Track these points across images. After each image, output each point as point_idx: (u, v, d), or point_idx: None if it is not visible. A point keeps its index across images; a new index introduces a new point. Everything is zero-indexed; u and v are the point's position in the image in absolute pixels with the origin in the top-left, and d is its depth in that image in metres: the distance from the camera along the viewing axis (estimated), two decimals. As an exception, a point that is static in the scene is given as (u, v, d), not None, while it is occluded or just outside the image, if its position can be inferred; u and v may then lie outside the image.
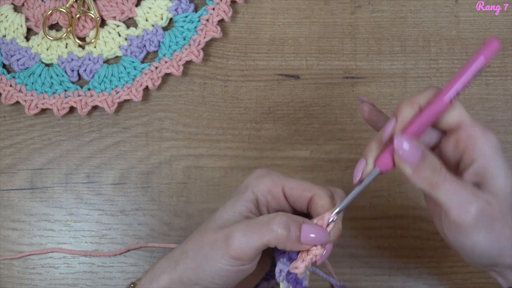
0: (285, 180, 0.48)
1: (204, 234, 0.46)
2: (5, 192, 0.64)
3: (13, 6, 0.66)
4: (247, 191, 0.47)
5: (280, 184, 0.47)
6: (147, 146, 0.64)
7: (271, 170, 0.49)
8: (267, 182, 0.47)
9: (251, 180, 0.48)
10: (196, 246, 0.46)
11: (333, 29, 0.66)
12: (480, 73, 0.45)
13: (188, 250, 0.46)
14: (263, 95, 0.65)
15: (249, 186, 0.48)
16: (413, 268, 0.63)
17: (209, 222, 0.47)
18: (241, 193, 0.48)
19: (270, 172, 0.48)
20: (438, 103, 0.45)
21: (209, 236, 0.46)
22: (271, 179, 0.48)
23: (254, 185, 0.47)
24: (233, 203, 0.47)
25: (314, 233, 0.46)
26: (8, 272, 0.63)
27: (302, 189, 0.47)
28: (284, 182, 0.47)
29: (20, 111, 0.65)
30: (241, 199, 0.47)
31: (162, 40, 0.65)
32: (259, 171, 0.49)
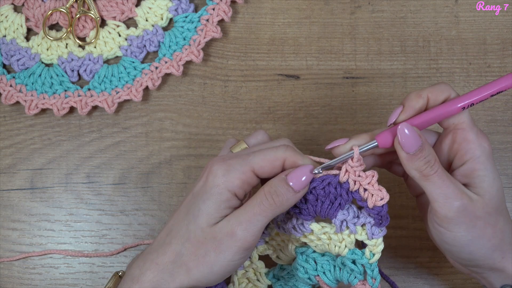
0: (251, 162, 0.48)
1: (200, 244, 0.47)
2: (5, 192, 0.64)
3: (13, 6, 0.66)
4: (222, 191, 0.47)
5: (249, 170, 0.47)
6: (147, 146, 0.64)
7: (227, 159, 0.48)
8: (238, 176, 0.47)
9: (219, 179, 0.47)
10: (196, 256, 0.47)
11: (333, 29, 0.66)
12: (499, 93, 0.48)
13: (187, 262, 0.47)
14: (263, 95, 0.65)
15: (219, 185, 0.47)
16: (413, 268, 0.63)
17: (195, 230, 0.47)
18: (215, 194, 0.47)
19: (232, 163, 0.48)
20: (451, 107, 0.48)
21: (210, 243, 0.47)
22: (240, 171, 0.47)
23: (227, 184, 0.47)
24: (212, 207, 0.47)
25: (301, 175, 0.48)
26: (8, 272, 0.63)
27: (270, 163, 0.48)
28: (251, 166, 0.47)
29: (20, 111, 0.65)
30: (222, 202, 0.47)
31: (162, 40, 0.65)
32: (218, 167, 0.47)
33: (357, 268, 0.51)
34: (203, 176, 0.48)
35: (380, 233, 0.51)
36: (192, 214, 0.48)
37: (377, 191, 0.49)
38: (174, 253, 0.48)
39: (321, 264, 0.53)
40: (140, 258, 0.49)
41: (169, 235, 0.48)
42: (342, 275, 0.53)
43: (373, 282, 0.51)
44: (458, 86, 0.65)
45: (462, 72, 0.65)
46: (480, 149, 0.48)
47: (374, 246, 0.51)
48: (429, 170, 0.47)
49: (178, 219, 0.49)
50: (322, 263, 0.53)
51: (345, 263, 0.52)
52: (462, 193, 0.47)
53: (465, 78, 0.65)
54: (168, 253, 0.48)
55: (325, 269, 0.53)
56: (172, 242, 0.48)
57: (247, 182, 0.48)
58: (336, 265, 0.53)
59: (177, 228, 0.48)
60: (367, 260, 0.51)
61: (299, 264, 0.54)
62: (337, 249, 0.52)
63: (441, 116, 0.48)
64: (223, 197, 0.47)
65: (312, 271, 0.53)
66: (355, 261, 0.52)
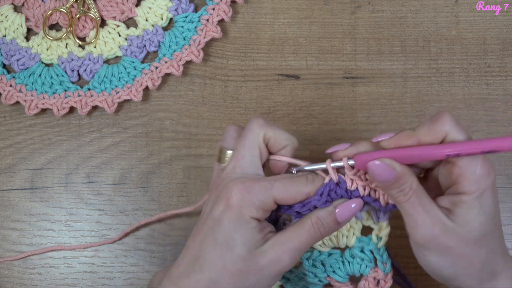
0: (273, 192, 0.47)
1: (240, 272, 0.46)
2: (5, 192, 0.64)
3: (13, 6, 0.66)
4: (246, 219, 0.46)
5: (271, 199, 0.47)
6: (147, 146, 0.64)
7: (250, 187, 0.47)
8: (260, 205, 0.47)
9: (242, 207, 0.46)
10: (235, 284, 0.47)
11: (333, 29, 0.66)
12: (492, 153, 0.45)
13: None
14: (263, 95, 0.65)
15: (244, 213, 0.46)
16: (413, 268, 0.63)
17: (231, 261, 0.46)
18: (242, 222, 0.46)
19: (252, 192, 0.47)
20: (435, 151, 0.45)
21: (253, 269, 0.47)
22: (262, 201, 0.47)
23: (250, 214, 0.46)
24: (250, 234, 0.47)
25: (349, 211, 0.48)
26: (8, 272, 0.63)
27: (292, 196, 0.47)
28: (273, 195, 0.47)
29: (20, 111, 0.65)
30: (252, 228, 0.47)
31: (162, 40, 0.65)
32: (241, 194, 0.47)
33: (367, 256, 0.52)
34: (221, 199, 0.47)
35: (385, 215, 0.51)
36: (225, 244, 0.46)
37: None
38: (208, 281, 0.47)
39: (329, 264, 0.53)
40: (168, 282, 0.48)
41: (198, 262, 0.47)
42: (353, 268, 0.53)
43: (384, 267, 0.52)
44: (458, 86, 0.65)
45: (462, 72, 0.65)
46: (476, 186, 0.45)
47: (381, 230, 0.52)
48: (401, 198, 0.46)
49: (205, 246, 0.47)
50: (330, 262, 0.53)
51: (354, 254, 0.53)
52: (434, 222, 0.46)
53: (465, 78, 0.65)
54: (202, 281, 0.47)
55: (334, 268, 0.53)
56: (204, 270, 0.47)
57: (268, 210, 0.48)
58: (344, 260, 0.53)
59: (207, 257, 0.47)
60: (375, 245, 0.52)
61: (307, 270, 0.54)
62: (345, 240, 0.52)
63: (424, 157, 0.46)
64: (252, 225, 0.47)
65: (322, 273, 0.53)
66: (364, 249, 0.52)
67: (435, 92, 0.65)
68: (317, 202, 0.48)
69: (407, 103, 0.65)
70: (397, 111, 0.65)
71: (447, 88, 0.65)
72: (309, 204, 0.48)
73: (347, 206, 0.48)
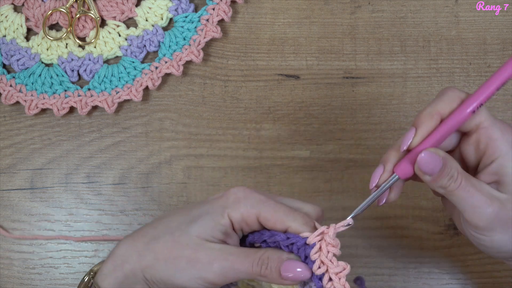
0: (260, 208, 0.47)
1: (180, 246, 0.46)
2: (5, 192, 0.64)
3: (13, 6, 0.66)
4: (224, 214, 0.46)
5: (254, 214, 0.47)
6: (147, 146, 0.64)
7: (248, 192, 0.47)
8: (242, 211, 0.46)
9: (229, 202, 0.47)
10: (171, 255, 0.46)
11: (333, 29, 0.66)
12: (504, 85, 0.46)
13: (159, 254, 0.46)
14: (263, 95, 0.65)
15: (225, 208, 0.46)
16: (413, 268, 0.63)
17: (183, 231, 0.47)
18: (218, 214, 0.46)
19: (247, 196, 0.47)
20: (460, 115, 0.46)
21: (188, 252, 0.46)
22: (246, 209, 0.46)
23: (230, 210, 0.46)
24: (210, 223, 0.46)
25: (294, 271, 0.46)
26: (8, 272, 0.63)
27: (276, 220, 0.46)
28: (259, 211, 0.46)
29: (20, 111, 0.65)
30: (218, 223, 0.46)
31: (162, 40, 0.65)
32: (236, 193, 0.47)
33: None
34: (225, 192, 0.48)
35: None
36: (192, 217, 0.47)
37: (341, 286, 0.45)
38: (151, 237, 0.47)
39: None
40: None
41: (161, 220, 0.48)
42: None
43: None
44: (458, 86, 0.65)
45: (462, 72, 0.65)
46: (507, 144, 0.46)
47: None
48: (453, 186, 0.46)
49: (178, 212, 0.48)
50: None
51: None
52: (490, 199, 0.46)
53: (465, 78, 0.65)
54: (147, 235, 0.47)
55: None
56: (158, 227, 0.48)
57: (246, 222, 0.47)
58: None
59: (170, 219, 0.48)
60: None
61: None
62: None
63: (454, 127, 0.46)
64: (222, 221, 0.46)
65: None
66: None
67: (435, 92, 0.65)
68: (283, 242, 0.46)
69: (407, 103, 0.65)
70: (397, 111, 0.65)
71: (447, 88, 0.65)
72: (273, 237, 0.46)
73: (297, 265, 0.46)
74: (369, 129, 0.65)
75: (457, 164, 0.46)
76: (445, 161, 0.46)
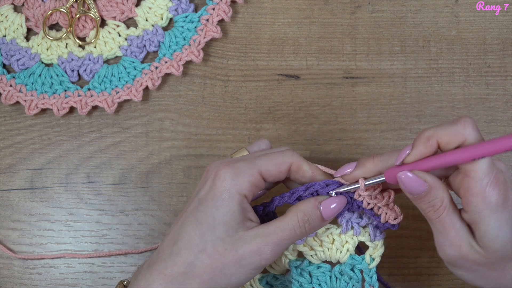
0: (258, 165, 0.47)
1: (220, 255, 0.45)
2: (5, 192, 0.64)
3: (13, 6, 0.66)
4: (233, 195, 0.46)
5: (257, 173, 0.47)
6: (147, 146, 0.64)
7: (233, 163, 0.47)
8: (247, 178, 0.47)
9: (227, 183, 0.46)
10: (216, 270, 0.46)
11: (333, 29, 0.66)
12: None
13: (204, 276, 0.45)
14: (263, 95, 0.65)
15: (229, 189, 0.46)
16: (413, 268, 0.63)
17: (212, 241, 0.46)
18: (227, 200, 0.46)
19: (239, 166, 0.47)
20: (460, 156, 0.44)
21: (231, 256, 0.46)
22: (248, 174, 0.47)
23: (237, 187, 0.46)
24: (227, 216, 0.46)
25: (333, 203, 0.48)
26: (8, 272, 0.63)
27: (277, 166, 0.48)
28: (259, 168, 0.47)
29: (20, 111, 0.65)
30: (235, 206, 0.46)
31: (162, 40, 0.65)
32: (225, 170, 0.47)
33: (356, 275, 0.51)
34: (207, 180, 0.47)
35: (381, 234, 0.51)
36: (206, 223, 0.46)
37: (391, 211, 0.50)
38: (185, 264, 0.46)
39: (316, 277, 0.52)
40: (146, 269, 0.47)
41: (177, 244, 0.46)
42: (339, 285, 0.51)
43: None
44: (458, 86, 0.65)
45: (462, 72, 0.65)
46: (483, 203, 0.43)
47: (375, 249, 0.51)
48: (432, 214, 0.46)
49: (186, 227, 0.47)
50: (317, 275, 0.52)
51: (343, 271, 0.51)
52: (462, 243, 0.45)
53: (465, 78, 0.65)
54: (179, 264, 0.46)
55: (320, 281, 0.52)
56: (182, 252, 0.46)
57: (256, 185, 0.47)
58: (332, 276, 0.52)
59: (187, 238, 0.46)
60: (367, 265, 0.51)
61: (294, 278, 0.52)
62: (338, 255, 0.51)
63: (448, 163, 0.44)
64: (235, 201, 0.46)
65: (307, 284, 0.52)
66: (354, 267, 0.51)
67: (435, 92, 0.65)
68: (320, 188, 0.48)
69: (407, 103, 0.65)
70: (397, 111, 0.65)
71: (447, 88, 0.65)
72: (311, 188, 0.48)
73: (332, 202, 0.48)
74: (369, 129, 0.65)
75: (445, 194, 0.45)
76: (430, 189, 0.45)
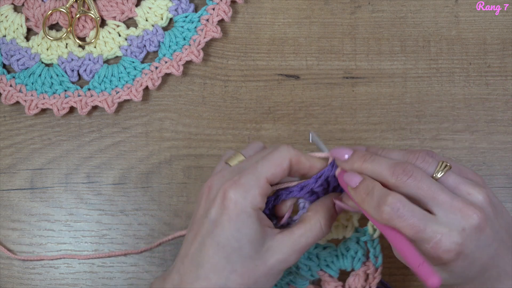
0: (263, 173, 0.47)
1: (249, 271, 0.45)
2: (5, 192, 0.64)
3: (13, 6, 0.66)
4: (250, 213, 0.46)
5: (264, 182, 0.47)
6: (147, 146, 0.64)
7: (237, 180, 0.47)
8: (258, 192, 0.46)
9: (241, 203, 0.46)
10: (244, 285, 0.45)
11: (333, 29, 0.66)
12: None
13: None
14: (263, 95, 0.65)
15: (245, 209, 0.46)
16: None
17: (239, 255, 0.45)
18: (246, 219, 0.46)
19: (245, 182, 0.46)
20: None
21: (261, 269, 0.46)
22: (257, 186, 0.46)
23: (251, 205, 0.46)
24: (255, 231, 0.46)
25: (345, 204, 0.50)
26: (8, 272, 0.63)
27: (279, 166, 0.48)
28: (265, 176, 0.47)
29: (20, 111, 0.65)
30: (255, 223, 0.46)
31: (162, 40, 0.65)
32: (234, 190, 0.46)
33: (361, 248, 0.53)
34: (215, 201, 0.46)
35: None
36: (229, 246, 0.45)
37: None
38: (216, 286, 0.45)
39: (323, 258, 0.54)
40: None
41: (202, 268, 0.46)
42: (345, 262, 0.53)
43: (376, 261, 0.52)
44: (458, 86, 0.65)
45: (462, 72, 0.65)
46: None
47: None
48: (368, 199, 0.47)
49: (207, 251, 0.46)
50: (324, 256, 0.54)
51: (348, 246, 0.53)
52: None
53: (465, 78, 0.65)
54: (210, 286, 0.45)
55: (328, 262, 0.54)
56: (211, 277, 0.45)
57: (266, 193, 0.47)
58: (338, 254, 0.54)
59: (211, 262, 0.45)
60: (370, 236, 0.52)
61: (302, 262, 0.54)
62: (343, 231, 0.53)
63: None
64: (254, 219, 0.46)
65: (315, 267, 0.54)
66: (359, 240, 0.53)
67: (435, 92, 0.65)
68: (329, 173, 0.49)
69: (407, 103, 0.65)
70: (397, 111, 0.65)
71: (447, 88, 0.65)
72: (321, 178, 0.49)
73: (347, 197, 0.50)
74: (369, 129, 0.65)
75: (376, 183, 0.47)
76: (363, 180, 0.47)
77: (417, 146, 0.64)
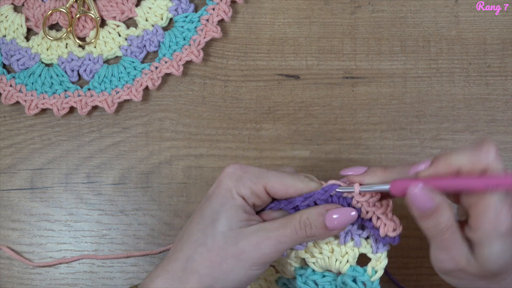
0: (266, 178, 0.47)
1: (219, 249, 0.45)
2: (5, 192, 0.64)
3: (13, 6, 0.66)
4: (234, 196, 0.47)
5: (262, 184, 0.47)
6: (147, 146, 0.64)
7: (245, 167, 0.48)
8: (249, 185, 0.47)
9: (231, 183, 0.47)
10: (214, 264, 0.45)
11: (333, 29, 0.66)
12: None
13: (202, 270, 0.45)
14: (263, 95, 0.65)
15: (231, 190, 0.47)
16: (413, 268, 0.63)
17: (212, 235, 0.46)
18: (230, 198, 0.47)
19: (247, 171, 0.47)
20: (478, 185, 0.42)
21: (230, 250, 0.46)
22: (252, 182, 0.47)
23: (237, 189, 0.47)
24: (230, 212, 0.46)
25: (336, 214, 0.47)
26: (8, 272, 0.63)
27: (284, 188, 0.47)
28: (266, 181, 0.47)
29: (20, 111, 0.65)
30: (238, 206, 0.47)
31: (162, 40, 0.65)
32: (233, 170, 0.47)
33: (358, 287, 0.50)
34: (218, 177, 0.48)
35: (385, 247, 0.50)
36: (209, 217, 0.46)
37: (390, 221, 0.48)
38: (185, 259, 0.46)
39: (322, 285, 0.51)
40: (155, 267, 0.48)
41: (181, 240, 0.47)
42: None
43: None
44: (458, 86, 0.65)
45: (462, 72, 0.65)
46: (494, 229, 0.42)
47: (378, 262, 0.50)
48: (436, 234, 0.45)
49: (191, 223, 0.47)
50: (323, 284, 0.51)
51: (346, 282, 0.50)
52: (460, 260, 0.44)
53: (465, 78, 0.65)
54: (179, 259, 0.46)
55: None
56: (184, 248, 0.46)
57: (257, 195, 0.47)
58: (337, 285, 0.51)
59: (189, 233, 0.47)
60: (369, 277, 0.50)
61: (299, 286, 0.52)
62: (337, 265, 0.50)
63: (464, 189, 0.43)
64: (238, 202, 0.47)
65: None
66: (356, 279, 0.50)
67: (435, 92, 0.65)
68: (320, 196, 0.47)
69: (407, 103, 0.65)
70: (397, 111, 0.65)
71: (447, 88, 0.65)
72: (310, 198, 0.48)
73: (339, 212, 0.47)
74: (369, 129, 0.65)
75: (451, 214, 0.44)
76: (437, 209, 0.44)
77: (417, 146, 0.64)
